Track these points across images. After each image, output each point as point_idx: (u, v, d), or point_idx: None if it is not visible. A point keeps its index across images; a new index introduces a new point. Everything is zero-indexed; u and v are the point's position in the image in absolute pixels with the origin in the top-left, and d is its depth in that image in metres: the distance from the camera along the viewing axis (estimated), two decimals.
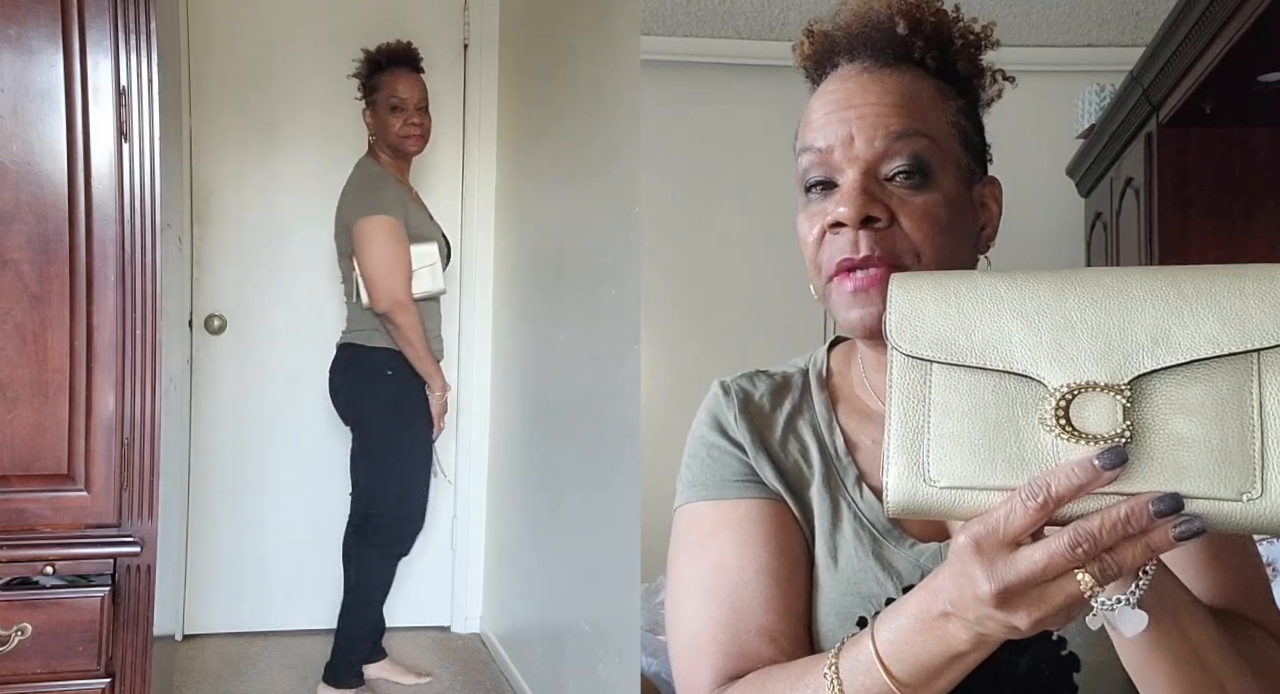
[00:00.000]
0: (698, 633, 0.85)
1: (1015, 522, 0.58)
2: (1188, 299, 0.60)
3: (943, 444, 0.62)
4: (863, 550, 0.85)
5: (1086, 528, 0.57)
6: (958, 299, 0.64)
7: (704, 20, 3.37)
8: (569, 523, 2.55)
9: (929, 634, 0.65)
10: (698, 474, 0.92)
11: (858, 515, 0.86)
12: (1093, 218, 3.03)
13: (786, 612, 0.84)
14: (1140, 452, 0.58)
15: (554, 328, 2.71)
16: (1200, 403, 0.59)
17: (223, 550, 3.29)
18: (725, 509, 0.89)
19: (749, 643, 0.83)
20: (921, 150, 0.81)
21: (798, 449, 0.91)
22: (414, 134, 2.75)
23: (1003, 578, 0.58)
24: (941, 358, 0.63)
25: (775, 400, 0.94)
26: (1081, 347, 0.61)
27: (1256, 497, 0.57)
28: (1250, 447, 0.57)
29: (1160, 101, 2.29)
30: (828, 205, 0.82)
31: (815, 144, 0.83)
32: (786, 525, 0.87)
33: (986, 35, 0.89)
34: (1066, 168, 3.15)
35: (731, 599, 0.85)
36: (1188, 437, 0.58)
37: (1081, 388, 0.59)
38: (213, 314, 3.25)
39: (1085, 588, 0.57)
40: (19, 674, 1.34)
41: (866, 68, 0.85)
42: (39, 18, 1.36)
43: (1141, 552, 0.57)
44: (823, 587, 0.86)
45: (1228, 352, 0.59)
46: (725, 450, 0.91)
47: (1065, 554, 0.57)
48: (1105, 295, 0.62)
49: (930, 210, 0.81)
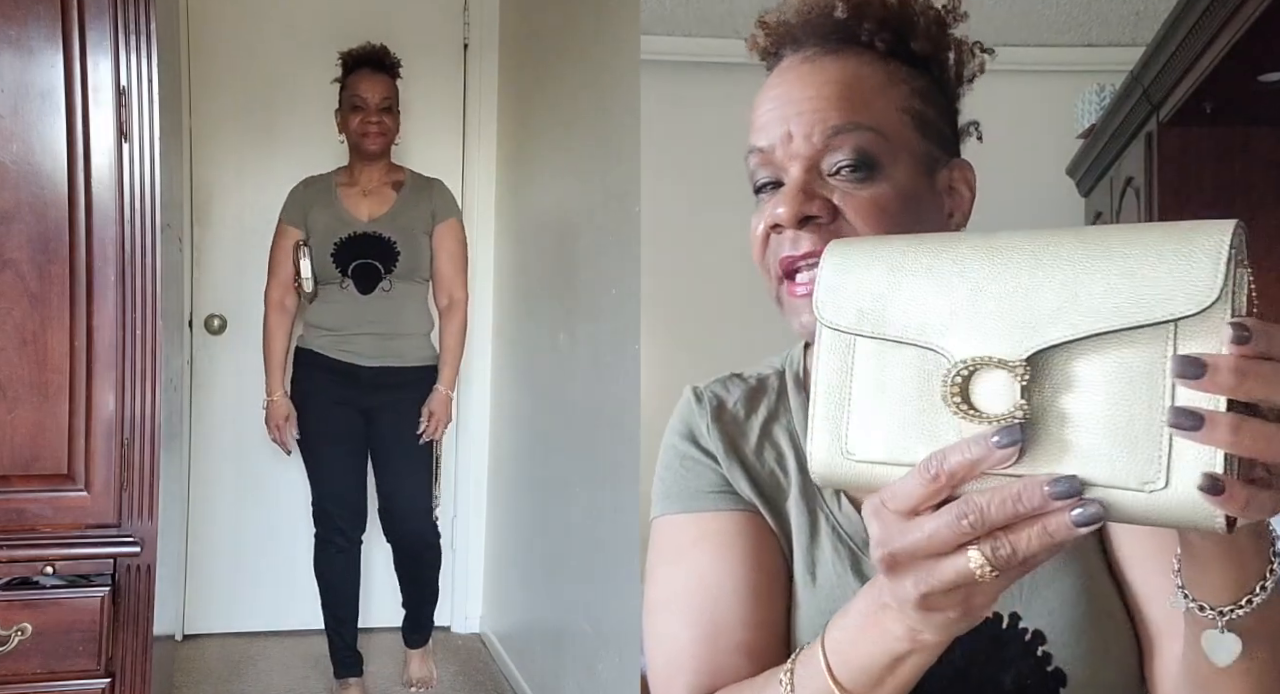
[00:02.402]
0: (675, 650, 0.84)
1: (910, 492, 0.55)
2: (1098, 264, 0.53)
3: (862, 418, 0.60)
4: (841, 566, 0.82)
5: (976, 500, 0.53)
6: (884, 266, 0.60)
7: (704, 20, 3.37)
8: (569, 523, 2.55)
9: (871, 630, 0.63)
10: (671, 486, 0.90)
11: (836, 529, 0.84)
12: (1093, 218, 3.03)
13: (765, 628, 0.83)
14: (1042, 432, 0.53)
15: (554, 328, 2.71)
16: (1107, 381, 0.52)
17: (223, 550, 3.29)
18: (702, 522, 0.86)
19: (727, 660, 0.81)
20: (865, 143, 0.77)
21: (774, 457, 0.88)
22: (371, 132, 2.79)
23: (890, 543, 0.56)
24: (861, 329, 0.60)
25: (750, 406, 0.91)
26: (988, 319, 0.55)
27: (1159, 488, 0.51)
28: (1157, 432, 0.51)
29: (1160, 101, 2.29)
30: (773, 205, 0.79)
31: (758, 144, 0.81)
32: (764, 539, 0.85)
33: (952, 9, 0.83)
34: (1066, 168, 3.15)
35: (709, 616, 0.83)
36: (1090, 418, 0.53)
37: (980, 362, 0.55)
38: (213, 314, 3.25)
39: (975, 566, 0.53)
40: (19, 674, 1.34)
41: (808, 57, 0.81)
42: (39, 18, 1.36)
43: (1038, 535, 0.52)
44: (801, 604, 0.83)
45: (1135, 323, 0.52)
46: (698, 461, 0.89)
47: (951, 525, 0.53)
48: (1020, 260, 0.55)
49: (877, 203, 0.76)
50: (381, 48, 2.85)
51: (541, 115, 2.92)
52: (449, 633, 3.45)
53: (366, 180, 2.86)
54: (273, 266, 2.83)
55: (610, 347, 2.27)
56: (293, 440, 2.81)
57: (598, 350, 2.36)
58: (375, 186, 2.86)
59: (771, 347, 1.01)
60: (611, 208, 2.28)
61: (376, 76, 2.80)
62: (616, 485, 2.21)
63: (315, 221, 2.80)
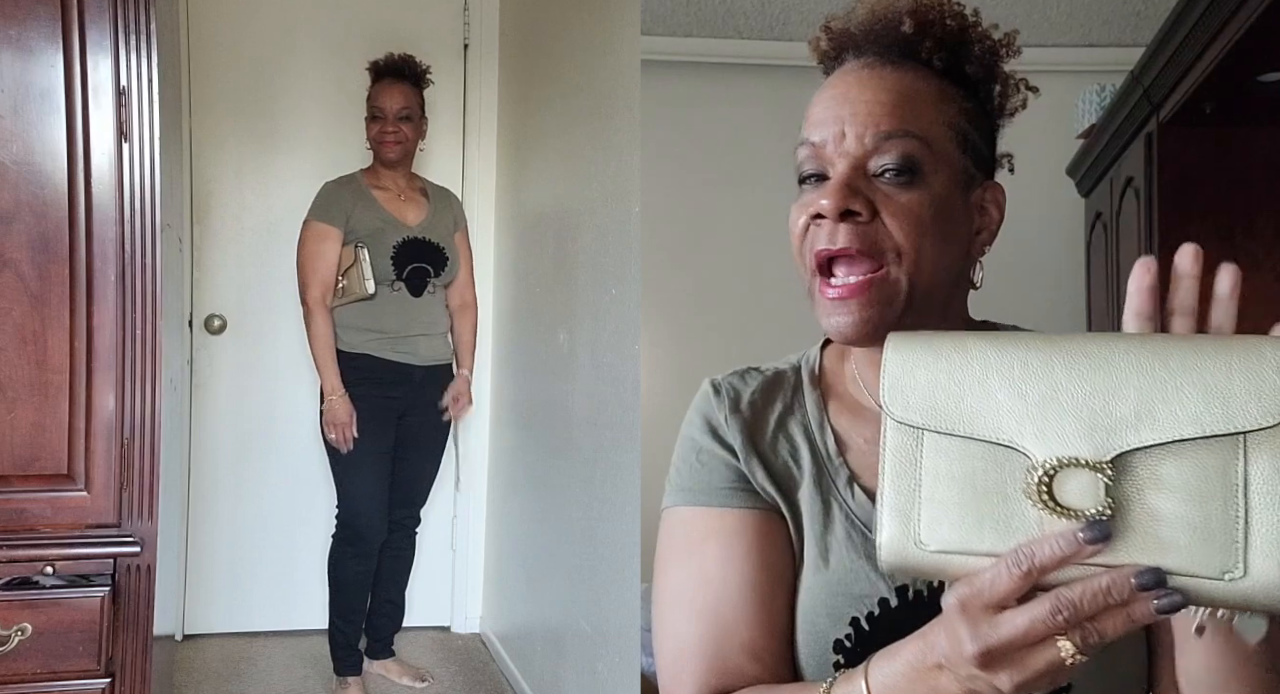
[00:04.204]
0: (682, 646, 0.86)
1: (1000, 587, 0.59)
2: (1173, 374, 0.60)
3: (933, 509, 0.63)
4: (854, 551, 0.85)
5: (1068, 596, 0.58)
6: (948, 364, 0.65)
7: (704, 20, 3.37)
8: (569, 523, 2.55)
9: (921, 683, 0.66)
10: (686, 478, 0.91)
11: (849, 516, 0.86)
12: (1093, 218, 3.03)
13: (770, 629, 0.85)
14: (1123, 526, 0.59)
15: (554, 327, 2.71)
16: (1184, 481, 0.59)
17: (223, 550, 3.29)
18: (713, 518, 0.88)
19: (733, 659, 0.83)
20: (911, 150, 0.81)
21: (787, 450, 0.90)
22: (388, 141, 2.85)
23: (985, 640, 0.60)
24: (932, 425, 0.65)
25: (766, 399, 0.93)
26: (1066, 420, 0.61)
27: (1239, 577, 0.57)
28: (1233, 527, 0.57)
29: (1160, 101, 2.29)
30: (816, 194, 0.82)
31: (811, 138, 0.84)
32: (774, 539, 0.87)
33: (1007, 43, 0.88)
34: (1066, 168, 3.15)
35: (716, 614, 0.85)
36: (1170, 514, 0.58)
37: (1065, 462, 0.60)
38: (213, 314, 3.25)
39: (1066, 655, 0.58)
40: (19, 674, 1.34)
41: (869, 64, 0.85)
42: (39, 18, 1.36)
43: (1122, 621, 0.58)
44: (814, 588, 0.85)
45: (1211, 433, 0.58)
46: (715, 454, 0.91)
47: (1046, 620, 0.58)
48: (1091, 366, 0.61)
49: (914, 208, 0.80)
50: (403, 58, 2.90)
51: (541, 115, 2.93)
52: (449, 633, 3.45)
53: (395, 185, 2.91)
54: (310, 266, 2.78)
55: (610, 346, 2.27)
56: (353, 440, 2.78)
57: (598, 350, 2.36)
58: (407, 192, 2.93)
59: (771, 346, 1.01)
60: (611, 208, 2.28)
61: (396, 86, 2.85)
62: (616, 485, 2.21)
63: (357, 222, 2.81)
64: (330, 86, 3.26)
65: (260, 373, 3.29)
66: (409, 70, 2.89)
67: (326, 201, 2.82)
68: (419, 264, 2.85)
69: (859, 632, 0.83)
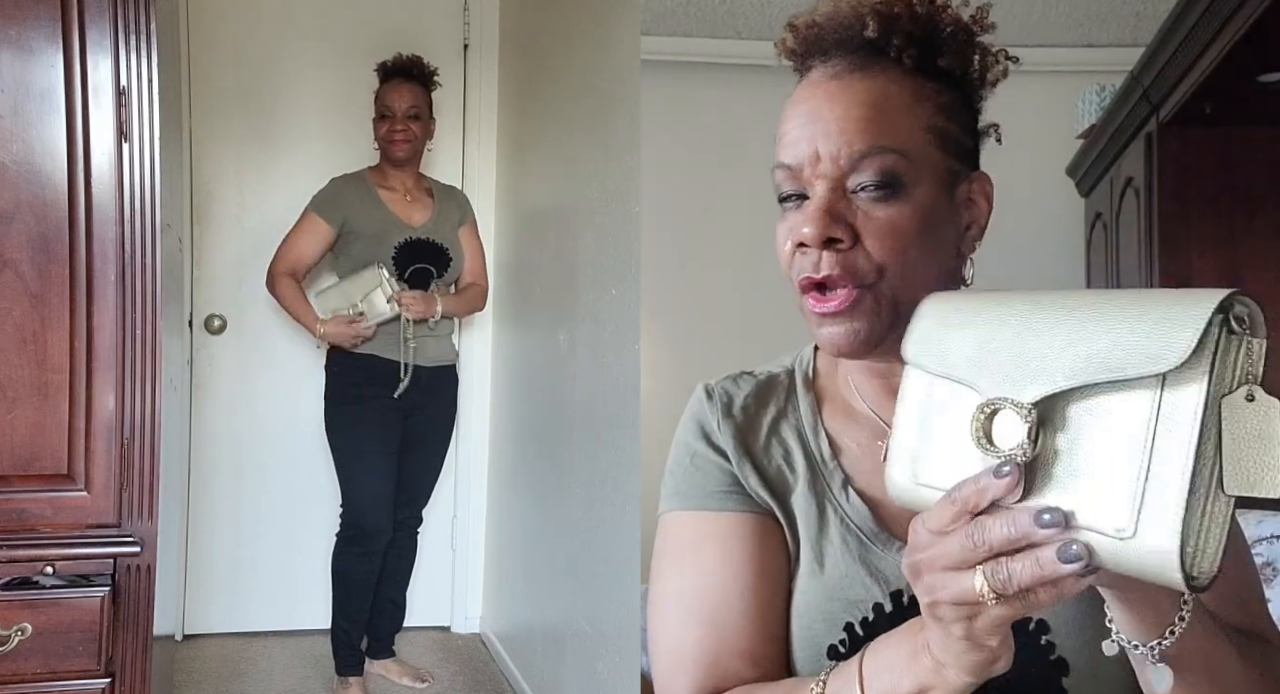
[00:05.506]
0: (679, 650, 0.86)
1: (933, 518, 0.62)
2: (1098, 319, 0.59)
3: (928, 448, 0.67)
4: (849, 555, 0.84)
5: (983, 520, 0.59)
6: (960, 316, 0.68)
7: (704, 20, 3.37)
8: (569, 523, 2.55)
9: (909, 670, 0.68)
10: (681, 483, 0.91)
11: (844, 520, 0.86)
12: (1093, 218, 3.03)
13: (766, 633, 0.85)
14: (1045, 473, 0.59)
15: (554, 327, 2.71)
16: (1100, 429, 0.57)
17: (223, 550, 3.29)
18: (709, 521, 0.88)
19: (729, 664, 0.83)
20: (889, 165, 0.79)
21: (781, 454, 0.90)
22: (396, 139, 2.87)
23: (915, 553, 0.63)
24: (934, 370, 0.68)
25: (759, 403, 0.93)
26: (1005, 363, 0.62)
27: (1129, 537, 0.54)
28: (1134, 484, 0.55)
29: (1160, 101, 2.29)
30: (799, 218, 0.81)
31: (785, 161, 0.83)
32: (769, 542, 0.87)
33: (979, 18, 0.85)
34: (1066, 168, 3.15)
35: (712, 619, 0.85)
36: (1086, 463, 0.57)
37: (999, 403, 0.61)
38: (213, 314, 3.25)
39: (978, 586, 0.58)
40: (19, 674, 1.34)
41: (836, 73, 0.83)
42: (39, 18, 1.36)
43: (1031, 565, 0.56)
44: (809, 592, 0.85)
45: (1125, 377, 0.56)
46: (709, 458, 0.90)
47: (961, 541, 0.59)
48: (1041, 315, 0.62)
49: (897, 224, 0.79)
50: (412, 58, 2.92)
51: (541, 115, 2.93)
52: (449, 633, 3.45)
53: (401, 185, 2.92)
54: (288, 245, 2.85)
55: (610, 346, 2.27)
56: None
57: (598, 350, 2.36)
58: (413, 192, 2.94)
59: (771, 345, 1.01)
60: (611, 207, 2.28)
61: (405, 86, 2.88)
62: (616, 485, 2.21)
63: (359, 221, 2.83)
64: (330, 86, 3.26)
65: (260, 373, 3.29)
66: (418, 71, 2.91)
67: (327, 195, 2.85)
68: (422, 265, 2.87)
69: (853, 637, 0.82)
